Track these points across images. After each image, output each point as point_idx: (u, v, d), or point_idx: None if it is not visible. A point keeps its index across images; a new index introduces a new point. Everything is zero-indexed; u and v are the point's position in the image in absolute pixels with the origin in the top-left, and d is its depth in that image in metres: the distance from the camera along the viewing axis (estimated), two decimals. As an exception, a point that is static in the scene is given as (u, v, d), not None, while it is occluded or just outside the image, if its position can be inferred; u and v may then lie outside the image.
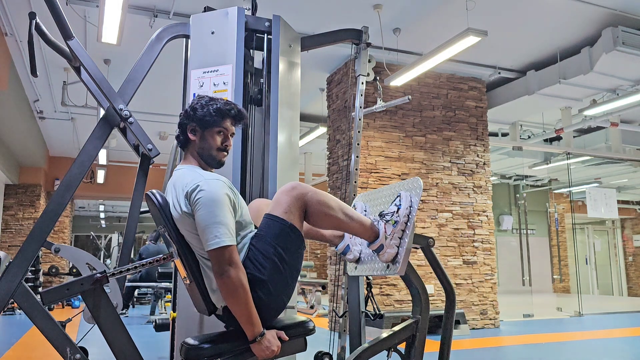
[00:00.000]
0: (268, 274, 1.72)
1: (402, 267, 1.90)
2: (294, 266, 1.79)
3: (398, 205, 1.96)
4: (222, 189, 1.72)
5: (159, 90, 6.96)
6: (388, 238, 1.92)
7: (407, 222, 1.93)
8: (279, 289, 1.75)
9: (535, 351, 4.90)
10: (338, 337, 2.94)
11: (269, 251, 1.74)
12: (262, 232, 1.79)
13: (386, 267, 1.96)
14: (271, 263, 1.73)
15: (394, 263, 1.93)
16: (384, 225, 1.94)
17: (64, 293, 2.03)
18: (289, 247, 1.76)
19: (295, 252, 1.79)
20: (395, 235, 1.93)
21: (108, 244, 19.14)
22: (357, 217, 1.93)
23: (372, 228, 1.94)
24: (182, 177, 1.79)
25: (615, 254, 15.43)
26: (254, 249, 1.76)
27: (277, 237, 1.75)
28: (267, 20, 2.62)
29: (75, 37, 2.27)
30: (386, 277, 5.97)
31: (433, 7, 5.00)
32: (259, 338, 1.65)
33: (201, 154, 1.89)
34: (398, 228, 1.93)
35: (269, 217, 1.79)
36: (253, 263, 1.73)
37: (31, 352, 4.84)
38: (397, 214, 1.94)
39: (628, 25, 5.23)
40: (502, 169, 11.34)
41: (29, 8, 4.74)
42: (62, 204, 2.27)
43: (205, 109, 1.86)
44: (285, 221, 1.76)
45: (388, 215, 1.95)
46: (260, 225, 1.83)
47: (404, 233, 1.93)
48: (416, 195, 1.95)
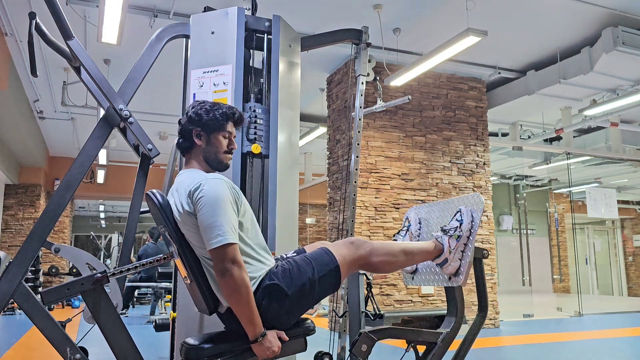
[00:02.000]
0: (293, 292, 1.75)
1: (464, 279, 2.01)
2: (315, 300, 1.83)
3: (460, 221, 2.07)
4: (224, 188, 1.72)
5: (159, 90, 6.96)
6: (452, 252, 2.03)
7: (469, 237, 2.05)
8: (293, 310, 1.77)
9: (535, 351, 4.90)
10: (338, 337, 2.94)
11: (306, 273, 1.78)
12: (310, 256, 1.85)
13: (448, 279, 2.07)
14: (301, 284, 1.77)
15: (456, 275, 2.05)
16: (447, 240, 2.04)
17: (64, 293, 2.03)
18: (324, 282, 1.81)
19: (324, 290, 1.83)
20: (458, 249, 2.04)
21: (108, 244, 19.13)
22: (418, 250, 2.04)
23: (435, 248, 2.05)
24: (185, 180, 1.80)
25: (615, 254, 15.42)
26: (294, 264, 1.81)
27: (320, 266, 1.81)
28: (267, 20, 2.62)
29: (75, 37, 2.27)
30: (386, 277, 5.97)
31: (433, 7, 5.00)
32: (260, 338, 1.65)
33: (207, 158, 1.90)
34: (461, 242, 2.04)
35: (326, 250, 1.87)
36: (285, 275, 1.77)
37: (31, 352, 4.84)
38: (460, 228, 2.05)
39: (628, 25, 5.23)
40: (502, 169, 11.34)
41: (29, 8, 4.74)
42: (62, 204, 2.27)
43: (211, 113, 1.89)
44: (337, 262, 1.83)
45: (451, 230, 2.06)
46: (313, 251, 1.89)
47: (467, 247, 2.04)
48: (478, 210, 2.06)
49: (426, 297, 6.20)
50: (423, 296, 6.18)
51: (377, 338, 1.93)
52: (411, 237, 2.35)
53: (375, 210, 6.06)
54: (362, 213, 5.98)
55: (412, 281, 2.31)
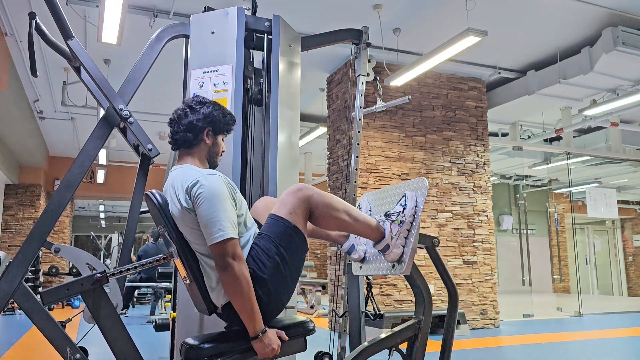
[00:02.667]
0: (269, 273, 1.73)
1: (407, 267, 1.92)
2: (295, 267, 1.80)
3: (404, 205, 1.98)
4: (221, 183, 1.73)
5: (159, 90, 6.96)
6: (394, 238, 1.95)
7: (412, 222, 1.96)
8: (279, 288, 1.76)
9: (535, 351, 4.90)
10: (338, 337, 2.94)
11: (272, 250, 1.75)
12: (265, 231, 1.80)
13: (392, 267, 1.98)
14: (273, 262, 1.74)
15: (399, 263, 1.95)
16: (389, 225, 1.96)
17: (64, 293, 2.03)
18: (291, 248, 1.78)
19: (298, 254, 1.80)
20: (401, 235, 1.95)
21: (108, 244, 19.14)
22: (363, 218, 1.95)
23: (378, 228, 1.96)
24: (179, 175, 1.79)
25: (615, 254, 15.42)
26: (257, 247, 1.77)
27: (280, 237, 1.76)
28: (267, 20, 2.62)
29: (75, 37, 2.27)
30: (386, 277, 5.97)
31: (433, 7, 5.00)
32: (260, 335, 1.65)
33: (209, 157, 1.94)
34: (404, 228, 1.95)
35: (273, 217, 1.81)
36: (255, 261, 1.74)
37: (31, 352, 4.84)
38: (402, 213, 1.97)
39: (628, 25, 5.23)
40: (502, 169, 11.33)
41: (29, 8, 4.74)
42: (62, 204, 2.27)
43: (225, 117, 1.95)
44: (290, 222, 1.77)
45: (394, 215, 1.97)
46: (264, 224, 1.84)
47: (410, 233, 1.95)
48: (422, 195, 1.97)
49: (426, 297, 6.19)
50: (423, 296, 6.17)
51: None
52: None
53: (375, 210, 6.06)
54: (362, 213, 5.97)
55: (360, 270, 2.23)
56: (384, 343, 2.03)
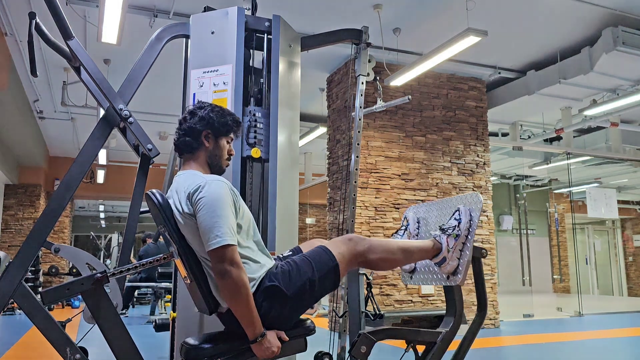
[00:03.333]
0: (293, 293, 1.74)
1: (463, 278, 2.02)
2: (315, 299, 1.83)
3: (458, 220, 2.06)
4: (224, 190, 1.73)
5: (159, 90, 6.96)
6: (450, 251, 2.03)
7: (467, 236, 2.04)
8: (294, 310, 1.77)
9: (535, 351, 4.90)
10: (338, 337, 2.93)
11: (306, 273, 1.78)
12: (309, 255, 1.84)
13: (447, 278, 2.07)
14: (301, 284, 1.76)
15: (454, 274, 2.04)
16: (446, 239, 2.04)
17: (64, 293, 2.03)
18: (323, 282, 1.81)
19: (324, 289, 1.83)
20: (456, 248, 2.03)
21: (108, 244, 19.13)
22: (417, 248, 2.03)
23: (433, 247, 2.04)
24: (184, 181, 1.79)
25: (615, 254, 15.42)
26: (294, 264, 1.80)
27: (319, 266, 1.80)
28: (267, 20, 2.62)
29: (75, 37, 2.27)
30: (386, 277, 5.97)
31: (433, 7, 5.00)
32: (259, 338, 1.65)
33: (211, 161, 1.92)
34: (459, 241, 2.03)
35: (324, 249, 1.86)
36: (284, 276, 1.76)
37: (31, 352, 4.84)
38: (458, 227, 2.05)
39: (628, 25, 5.22)
40: (502, 169, 11.33)
41: (29, 8, 4.74)
42: (62, 204, 2.27)
43: (223, 118, 1.92)
44: (335, 260, 1.82)
45: (450, 229, 2.05)
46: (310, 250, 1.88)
47: (465, 246, 2.04)
48: (476, 209, 2.05)
49: (426, 297, 6.20)
50: (423, 296, 6.18)
51: (376, 339, 1.93)
52: (409, 236, 2.35)
53: (375, 210, 6.06)
54: (362, 213, 5.98)
55: (411, 280, 2.31)
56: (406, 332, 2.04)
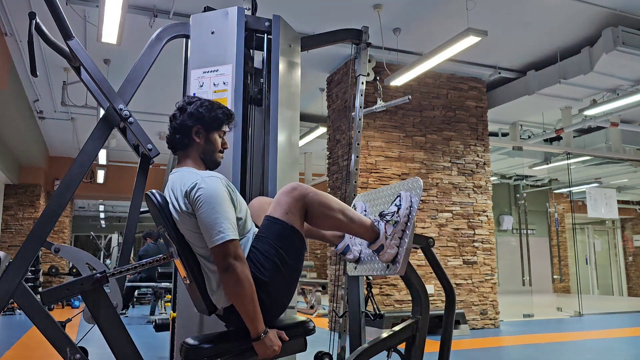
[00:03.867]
0: (269, 276, 1.72)
1: (402, 267, 1.90)
2: (295, 267, 1.80)
3: (398, 206, 1.97)
4: (220, 185, 1.72)
5: (159, 90, 6.96)
6: (388, 238, 1.93)
7: (407, 222, 1.94)
8: (280, 290, 1.76)
9: (535, 351, 4.90)
10: (338, 337, 2.93)
11: (270, 252, 1.74)
12: (262, 233, 1.79)
13: (386, 267, 1.96)
14: (272, 264, 1.73)
15: (394, 263, 1.94)
16: (384, 226, 1.94)
17: (64, 293, 2.03)
18: (289, 248, 1.77)
19: (296, 254, 1.80)
20: (395, 235, 1.93)
21: (108, 244, 19.13)
22: (358, 218, 1.94)
23: (372, 228, 1.95)
24: (179, 178, 1.78)
25: (615, 254, 15.42)
26: (255, 250, 1.76)
27: (277, 239, 1.76)
28: (267, 20, 2.62)
29: (75, 37, 2.27)
30: (386, 277, 5.97)
31: (433, 7, 5.00)
32: (262, 336, 1.65)
33: (205, 157, 1.89)
34: (398, 228, 1.94)
35: (270, 218, 1.80)
36: (254, 264, 1.73)
37: (31, 352, 4.84)
38: (397, 214, 1.95)
39: (628, 25, 5.23)
40: (502, 169, 11.33)
41: (29, 8, 4.74)
42: (62, 204, 2.27)
43: (212, 112, 1.88)
44: (286, 223, 1.76)
45: (388, 215, 1.96)
46: (260, 226, 1.83)
47: (404, 233, 1.93)
48: (416, 195, 1.96)
49: (426, 297, 6.19)
50: (423, 296, 6.17)
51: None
52: None
53: (375, 210, 6.06)
54: (362, 213, 5.97)
55: (355, 270, 2.22)
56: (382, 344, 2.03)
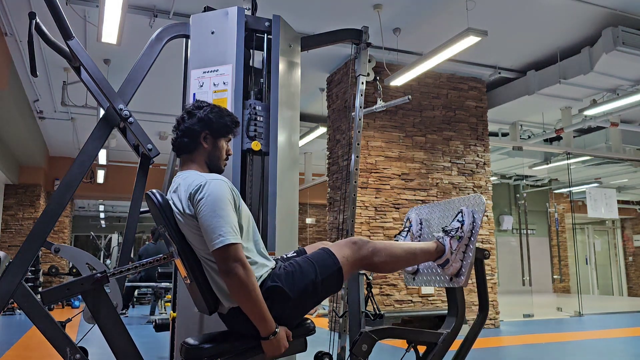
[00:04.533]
0: (294, 294, 1.74)
1: (466, 280, 2.01)
2: (317, 301, 1.82)
3: (461, 221, 2.06)
4: (224, 188, 1.72)
5: (159, 90, 6.96)
6: (454, 253, 2.02)
7: (470, 237, 2.04)
8: (295, 311, 1.77)
9: (535, 351, 4.90)
10: (338, 337, 2.93)
11: (309, 276, 1.77)
12: (313, 257, 1.84)
13: (449, 280, 2.07)
14: (304, 286, 1.76)
15: (457, 276, 2.04)
16: (449, 241, 2.03)
17: (64, 293, 2.02)
18: (326, 284, 1.80)
19: (327, 291, 1.83)
20: (459, 250, 2.03)
21: (108, 244, 19.12)
22: (420, 250, 2.03)
23: (437, 249, 2.04)
24: (184, 181, 1.78)
25: (615, 254, 15.42)
26: (297, 266, 1.79)
27: (322, 269, 1.80)
28: (267, 20, 2.62)
29: (75, 37, 2.27)
30: (386, 277, 5.97)
31: (433, 7, 5.00)
32: (272, 336, 1.65)
33: (210, 162, 1.90)
34: (462, 243, 2.03)
35: (327, 251, 1.85)
36: (289, 276, 1.76)
37: (31, 352, 4.84)
38: (461, 229, 2.04)
39: (628, 25, 5.23)
40: (502, 169, 11.33)
41: (29, 8, 4.74)
42: (62, 204, 2.27)
43: (222, 119, 1.90)
44: (338, 262, 1.82)
45: (453, 231, 2.05)
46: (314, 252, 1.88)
47: (468, 248, 2.04)
48: (480, 211, 2.05)
49: (426, 297, 6.20)
50: (423, 296, 6.18)
51: (377, 338, 1.93)
52: (412, 237, 2.34)
53: (375, 210, 6.06)
54: (362, 213, 5.98)
55: (414, 282, 2.31)
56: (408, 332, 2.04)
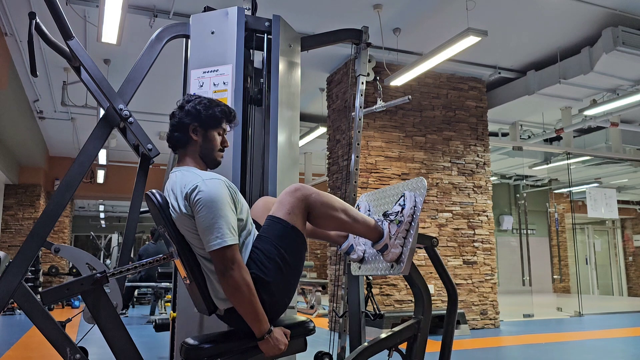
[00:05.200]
0: (271, 275, 1.72)
1: (406, 267, 1.91)
2: (296, 268, 1.80)
3: (402, 205, 1.98)
4: (221, 188, 1.71)
5: (159, 90, 6.96)
6: (392, 238, 1.94)
7: (411, 222, 1.95)
8: (282, 290, 1.76)
9: (535, 351, 4.90)
10: (338, 337, 2.93)
11: (272, 252, 1.74)
12: (264, 233, 1.79)
13: (390, 267, 1.98)
14: (274, 264, 1.73)
15: (398, 263, 1.95)
16: (388, 225, 1.95)
17: (64, 293, 2.03)
18: (291, 248, 1.77)
19: (297, 254, 1.80)
20: (399, 235, 1.94)
21: (108, 244, 19.13)
22: (361, 218, 1.94)
23: (376, 228, 1.95)
24: (179, 179, 1.77)
25: (615, 254, 15.42)
26: (257, 250, 1.76)
27: (279, 239, 1.76)
28: (267, 20, 2.62)
29: (75, 37, 2.27)
30: (386, 277, 5.97)
31: (433, 7, 5.00)
32: (266, 335, 1.65)
33: (203, 155, 1.88)
34: (402, 228, 1.94)
35: (272, 218, 1.80)
36: (256, 264, 1.73)
37: (31, 352, 4.84)
38: (401, 213, 1.96)
39: (628, 25, 5.23)
40: (502, 169, 11.34)
41: (29, 8, 4.74)
42: (62, 204, 2.27)
43: (210, 110, 1.86)
44: (288, 223, 1.77)
45: (392, 215, 1.97)
46: (263, 226, 1.83)
47: (408, 233, 1.94)
48: (420, 195, 1.97)
49: (426, 297, 6.19)
50: (423, 296, 6.17)
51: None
52: None
53: (375, 210, 6.06)
54: (362, 213, 5.97)
55: (359, 270, 2.23)
56: (383, 343, 2.03)
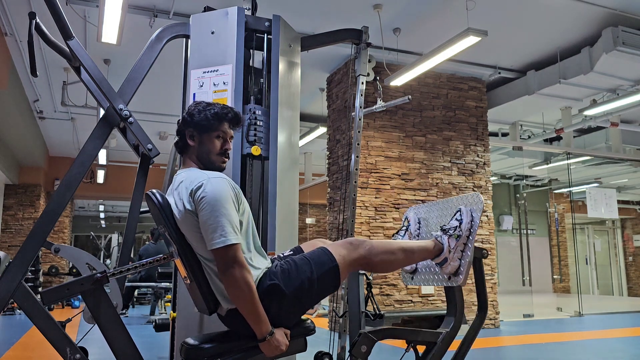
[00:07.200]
0: (290, 290, 1.73)
1: (464, 279, 2.01)
2: (314, 299, 1.81)
3: (460, 220, 2.06)
4: (226, 187, 1.72)
5: (159, 90, 6.96)
6: (452, 251, 2.03)
7: (469, 236, 2.04)
8: (293, 309, 1.77)
9: (535, 351, 4.90)
10: (338, 337, 2.93)
11: (305, 272, 1.77)
12: (309, 255, 1.83)
13: (448, 279, 2.07)
14: (299, 282, 1.75)
15: (456, 275, 2.04)
16: (447, 239, 2.03)
17: (64, 293, 2.03)
18: (322, 281, 1.79)
19: (323, 288, 1.81)
20: (457, 249, 2.03)
21: (108, 244, 19.12)
22: (418, 248, 2.02)
23: (435, 247, 2.04)
24: (185, 179, 1.78)
25: (615, 254, 15.42)
26: (293, 263, 1.79)
27: (319, 266, 1.79)
28: (267, 20, 2.62)
29: (75, 37, 2.27)
30: (386, 277, 5.97)
31: (433, 7, 5.00)
32: (268, 336, 1.65)
33: (200, 159, 1.88)
34: (461, 242, 2.03)
35: (324, 250, 1.85)
36: (284, 273, 1.75)
37: (31, 352, 4.84)
38: (459, 228, 2.04)
39: (628, 25, 5.23)
40: (502, 169, 11.33)
41: (29, 8, 4.74)
42: (62, 204, 2.27)
43: (202, 114, 1.86)
44: (335, 261, 1.81)
45: (451, 229, 2.05)
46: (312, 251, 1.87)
47: (466, 246, 2.04)
48: (478, 210, 2.05)
49: (426, 297, 6.20)
50: (423, 296, 6.18)
51: (377, 338, 1.93)
52: (410, 236, 2.35)
53: (375, 210, 6.06)
54: (362, 213, 5.98)
55: (412, 281, 2.31)
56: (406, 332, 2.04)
